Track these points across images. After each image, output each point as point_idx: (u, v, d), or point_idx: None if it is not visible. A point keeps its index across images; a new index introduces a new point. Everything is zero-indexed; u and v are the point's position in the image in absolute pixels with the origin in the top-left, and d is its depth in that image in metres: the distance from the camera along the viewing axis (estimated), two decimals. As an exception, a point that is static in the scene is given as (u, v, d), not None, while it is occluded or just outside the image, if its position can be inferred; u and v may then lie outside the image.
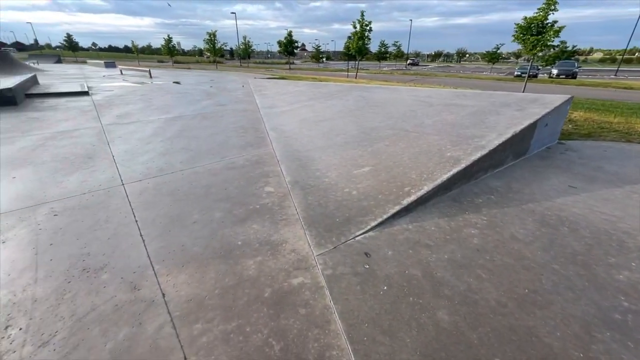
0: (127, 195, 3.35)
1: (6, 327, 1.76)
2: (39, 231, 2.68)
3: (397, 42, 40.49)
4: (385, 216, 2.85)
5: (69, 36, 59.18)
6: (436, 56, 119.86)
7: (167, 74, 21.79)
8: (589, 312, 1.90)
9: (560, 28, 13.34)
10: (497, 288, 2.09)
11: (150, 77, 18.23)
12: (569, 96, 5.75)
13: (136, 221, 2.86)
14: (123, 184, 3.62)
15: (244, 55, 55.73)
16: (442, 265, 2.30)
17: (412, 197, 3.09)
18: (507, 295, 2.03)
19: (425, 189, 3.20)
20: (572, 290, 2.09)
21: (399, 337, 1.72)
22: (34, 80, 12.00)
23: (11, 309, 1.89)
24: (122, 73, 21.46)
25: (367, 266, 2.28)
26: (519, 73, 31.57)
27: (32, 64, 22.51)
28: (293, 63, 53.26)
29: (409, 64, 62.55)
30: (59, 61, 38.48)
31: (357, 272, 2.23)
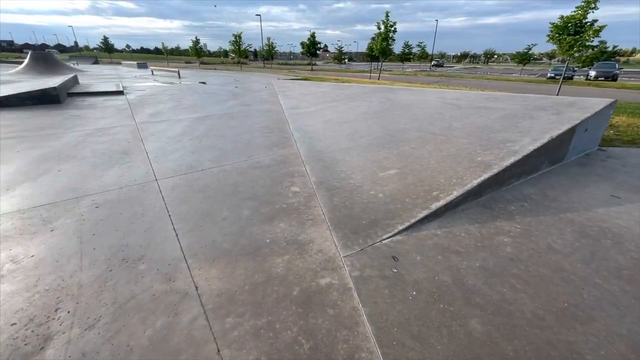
0: (160, 191, 3.51)
1: (56, 310, 1.90)
2: (83, 221, 2.87)
3: (421, 42, 39.71)
4: (413, 220, 2.81)
5: (105, 39, 62.78)
6: (462, 57, 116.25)
7: (194, 75, 22.59)
8: (637, 332, 1.78)
9: (601, 27, 12.53)
10: (534, 300, 2.00)
11: (179, 77, 18.97)
12: (612, 100, 5.40)
13: (169, 216, 2.99)
14: (156, 180, 3.79)
15: (268, 56, 56.67)
16: (473, 273, 2.24)
17: (441, 202, 3.02)
18: (545, 308, 1.93)
19: (455, 194, 3.11)
20: (616, 306, 1.96)
21: (430, 344, 1.69)
22: (75, 80, 12.83)
23: (60, 293, 2.04)
24: (153, 73, 22.49)
25: (395, 270, 2.26)
26: (553, 75, 29.97)
27: (72, 65, 24.09)
28: (315, 64, 53.57)
29: (433, 65, 61.12)
30: (96, 62, 40.95)
31: (385, 275, 2.21)
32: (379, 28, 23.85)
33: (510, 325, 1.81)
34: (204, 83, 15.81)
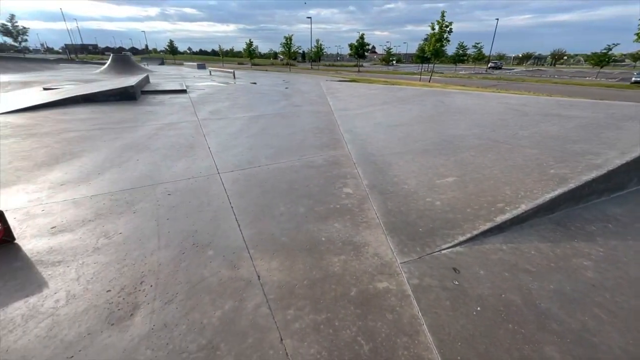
0: (222, 183, 3.77)
1: (141, 282, 2.16)
2: (158, 207, 3.20)
3: (478, 43, 37.24)
4: (475, 232, 2.66)
5: (171, 42, 69.19)
6: (524, 58, 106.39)
7: (247, 75, 23.86)
8: None
9: None
10: (623, 334, 1.77)
11: (234, 78, 20.18)
12: None
13: (232, 207, 3.20)
14: (219, 173, 4.09)
15: (315, 58, 57.68)
16: (547, 296, 2.05)
17: (507, 215, 2.81)
18: (639, 346, 1.70)
19: (523, 207, 2.88)
20: None
21: (498, 366, 1.59)
22: (147, 80, 14.34)
23: (143, 268, 2.30)
24: (210, 74, 24.24)
25: (457, 282, 2.16)
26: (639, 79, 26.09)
27: (143, 66, 26.97)
28: (362, 65, 53.19)
29: (490, 67, 56.87)
30: (162, 63, 45.34)
31: (445, 286, 2.12)
32: (433, 29, 22.91)
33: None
34: (254, 83, 16.62)
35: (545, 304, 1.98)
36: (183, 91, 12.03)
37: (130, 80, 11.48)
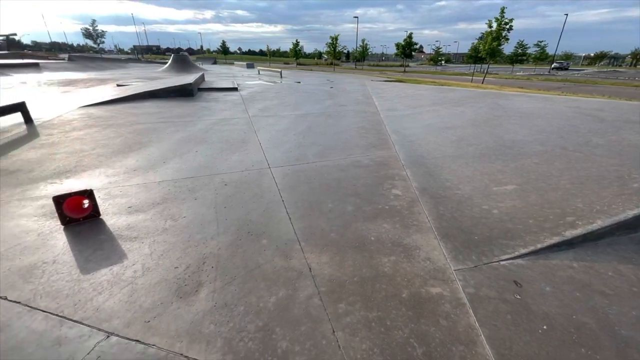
0: (273, 177, 3.94)
1: (203, 263, 2.35)
2: (216, 195, 3.44)
3: (541, 41, 33.96)
4: (539, 246, 2.45)
5: (223, 42, 73.61)
6: (597, 58, 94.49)
7: (292, 75, 24.47)
8: None
9: None
10: None
11: (281, 77, 20.83)
12: None
13: (282, 200, 3.33)
14: (270, 167, 4.27)
15: (360, 57, 57.18)
16: (629, 323, 1.82)
17: (579, 230, 2.55)
18: None
19: (599, 223, 2.59)
20: None
21: (569, 391, 1.46)
22: (202, 78, 15.43)
23: (205, 250, 2.50)
24: (259, 73, 25.30)
25: (519, 297, 2.02)
26: None
27: (198, 65, 29.03)
28: (408, 65, 51.51)
29: (553, 68, 51.37)
30: (214, 62, 48.39)
31: (505, 299, 2.00)
32: (490, 26, 21.41)
33: (691, 401, 1.42)
34: (299, 82, 16.98)
35: (626, 331, 1.77)
36: (234, 89, 12.72)
37: (189, 79, 12.44)
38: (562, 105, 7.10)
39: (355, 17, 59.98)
